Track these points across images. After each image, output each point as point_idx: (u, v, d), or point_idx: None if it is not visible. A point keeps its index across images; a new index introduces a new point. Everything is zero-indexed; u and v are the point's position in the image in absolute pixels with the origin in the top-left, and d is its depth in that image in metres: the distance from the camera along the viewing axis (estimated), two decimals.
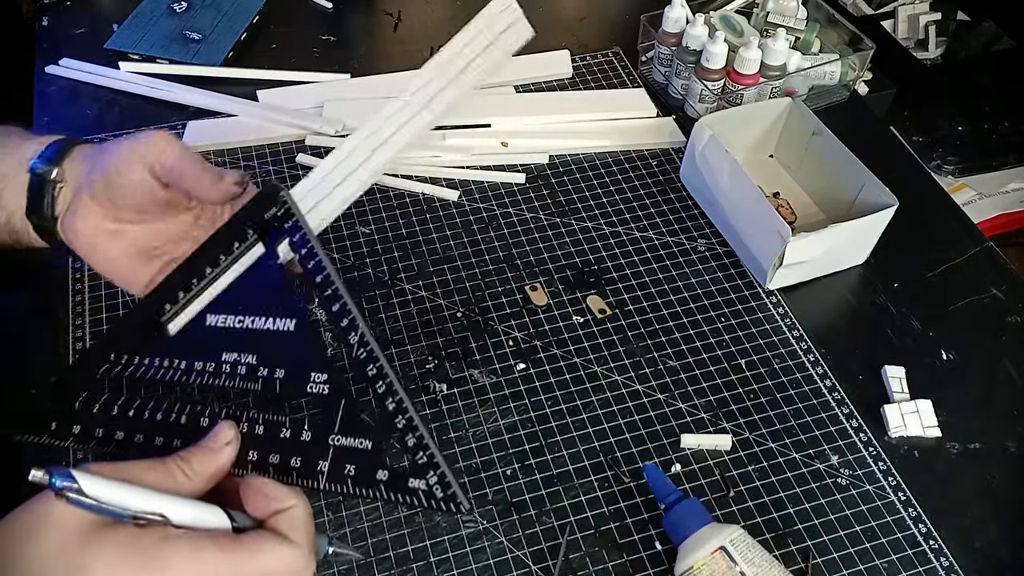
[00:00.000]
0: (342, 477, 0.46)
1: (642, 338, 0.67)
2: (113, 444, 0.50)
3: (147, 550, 0.38)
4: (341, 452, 0.47)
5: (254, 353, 0.51)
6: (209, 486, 0.45)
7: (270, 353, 0.51)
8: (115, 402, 0.51)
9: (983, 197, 1.41)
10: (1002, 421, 0.63)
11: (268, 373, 0.50)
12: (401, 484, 0.45)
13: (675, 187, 0.79)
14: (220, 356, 0.52)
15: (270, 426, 0.48)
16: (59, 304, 0.67)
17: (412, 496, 0.44)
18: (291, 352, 0.50)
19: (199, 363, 0.52)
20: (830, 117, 0.76)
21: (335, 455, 0.47)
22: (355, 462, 0.46)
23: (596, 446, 0.60)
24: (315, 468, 0.47)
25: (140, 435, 0.50)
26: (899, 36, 1.53)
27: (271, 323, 0.51)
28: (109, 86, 0.85)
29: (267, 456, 0.48)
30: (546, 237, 0.74)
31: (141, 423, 0.50)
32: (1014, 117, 1.49)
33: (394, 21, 0.97)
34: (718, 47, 0.78)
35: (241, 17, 0.93)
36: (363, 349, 0.47)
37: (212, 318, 0.53)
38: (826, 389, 0.64)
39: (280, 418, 0.48)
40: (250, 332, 0.52)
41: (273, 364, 0.50)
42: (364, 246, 0.72)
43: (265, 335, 0.51)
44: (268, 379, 0.50)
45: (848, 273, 0.72)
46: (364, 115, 0.82)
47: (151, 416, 0.50)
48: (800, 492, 0.58)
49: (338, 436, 0.47)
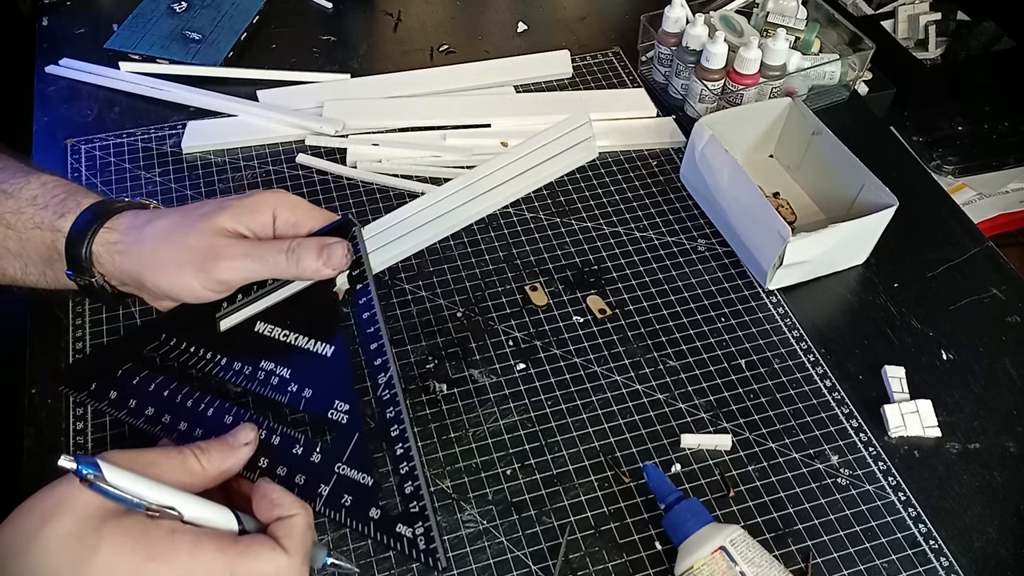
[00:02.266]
0: (338, 505, 0.48)
1: (642, 338, 0.67)
2: (142, 418, 0.54)
3: (155, 541, 0.39)
4: (343, 481, 0.49)
5: (290, 368, 0.54)
6: (219, 481, 0.46)
7: (304, 371, 0.53)
8: (154, 380, 0.55)
9: (983, 197, 1.41)
10: (1002, 421, 0.63)
11: (297, 389, 0.53)
12: (390, 526, 0.47)
13: (675, 187, 0.79)
14: (259, 362, 0.54)
15: (286, 439, 0.51)
16: (59, 304, 0.67)
17: (397, 540, 0.47)
18: (323, 376, 0.53)
19: (238, 363, 0.55)
20: (830, 117, 0.76)
21: (336, 482, 0.49)
22: (353, 494, 0.48)
23: (596, 446, 0.60)
24: (316, 490, 0.49)
25: (168, 415, 0.53)
26: (899, 36, 1.53)
27: (312, 344, 0.54)
28: (109, 86, 0.85)
29: (276, 467, 0.50)
30: (546, 237, 0.74)
31: (172, 405, 0.53)
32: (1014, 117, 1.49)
33: (394, 21, 0.97)
34: (718, 47, 0.78)
35: (241, 17, 0.93)
36: (388, 391, 0.50)
37: (261, 326, 0.55)
38: (826, 389, 0.64)
39: (297, 434, 0.51)
40: (291, 347, 0.54)
41: (304, 382, 0.53)
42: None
43: (304, 354, 0.54)
44: (296, 395, 0.53)
45: (848, 273, 0.72)
46: (364, 115, 0.82)
47: (182, 401, 0.53)
48: (800, 492, 0.58)
49: (344, 466, 0.49)
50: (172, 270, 0.51)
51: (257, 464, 0.50)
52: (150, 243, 0.52)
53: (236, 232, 0.52)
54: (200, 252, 0.50)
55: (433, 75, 0.88)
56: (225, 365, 0.55)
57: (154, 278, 0.51)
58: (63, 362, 0.63)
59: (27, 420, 0.60)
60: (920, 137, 1.45)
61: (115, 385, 0.55)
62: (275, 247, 0.51)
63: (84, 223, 0.53)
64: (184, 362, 0.55)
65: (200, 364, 0.55)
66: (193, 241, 0.51)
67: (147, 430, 0.53)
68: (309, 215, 0.54)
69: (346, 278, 0.53)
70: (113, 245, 0.53)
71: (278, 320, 0.55)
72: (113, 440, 0.59)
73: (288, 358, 0.54)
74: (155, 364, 0.56)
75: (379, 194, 0.77)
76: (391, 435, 0.49)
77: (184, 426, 0.52)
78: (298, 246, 0.51)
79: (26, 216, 0.54)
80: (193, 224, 0.51)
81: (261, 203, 0.53)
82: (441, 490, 0.57)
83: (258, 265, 0.51)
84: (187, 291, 0.51)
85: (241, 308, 0.55)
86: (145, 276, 0.52)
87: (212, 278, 0.50)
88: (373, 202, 0.76)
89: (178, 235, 0.51)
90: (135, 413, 0.54)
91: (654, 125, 0.85)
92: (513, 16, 0.97)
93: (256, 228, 0.52)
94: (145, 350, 0.56)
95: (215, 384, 0.54)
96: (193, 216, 0.52)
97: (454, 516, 0.56)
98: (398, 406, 0.50)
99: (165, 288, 0.51)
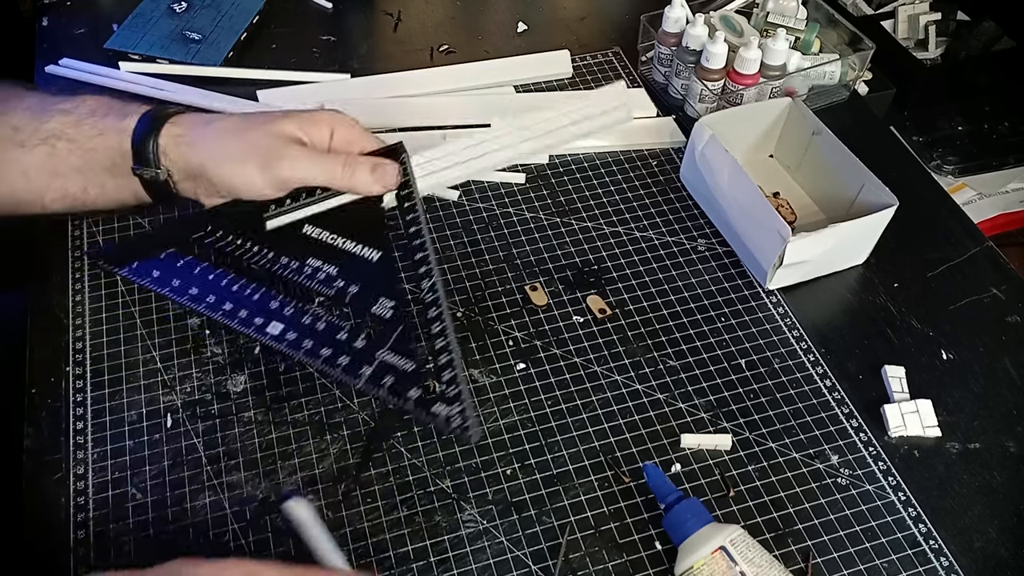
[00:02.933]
0: (379, 384, 0.54)
1: (642, 338, 0.67)
2: (186, 296, 0.60)
3: None
4: (384, 366, 0.55)
5: (337, 266, 0.59)
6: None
7: (351, 270, 0.58)
8: (198, 264, 0.60)
9: (983, 197, 1.41)
10: (1002, 421, 0.63)
11: (343, 285, 0.58)
12: (427, 404, 0.53)
13: (675, 187, 0.79)
14: (306, 259, 0.59)
15: (331, 325, 0.57)
16: (59, 304, 0.67)
17: (433, 417, 0.53)
18: (369, 276, 0.58)
19: (285, 258, 0.59)
20: (830, 117, 0.76)
21: (379, 366, 0.55)
22: (395, 376, 0.54)
23: (596, 446, 0.60)
24: (358, 370, 0.55)
25: (213, 296, 0.59)
26: (899, 36, 1.53)
27: (359, 248, 0.59)
28: (109, 86, 0.85)
29: (320, 348, 0.56)
30: (546, 237, 0.74)
31: (217, 287, 0.59)
32: (1014, 117, 1.49)
33: (394, 21, 0.97)
34: (718, 47, 0.78)
35: (241, 17, 0.93)
36: (432, 294, 0.56)
37: (310, 228, 0.60)
38: (826, 389, 0.64)
39: (342, 322, 0.57)
40: (339, 250, 0.59)
41: (350, 279, 0.58)
42: None
43: (351, 256, 0.59)
44: (342, 290, 0.58)
45: (848, 273, 0.72)
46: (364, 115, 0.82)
47: (228, 285, 0.59)
48: (800, 492, 0.58)
49: (387, 352, 0.55)
50: (237, 163, 0.54)
51: (301, 345, 0.56)
52: (215, 138, 0.55)
53: (297, 138, 0.55)
54: (264, 149, 0.54)
55: (433, 75, 0.88)
56: (272, 258, 0.59)
57: (218, 170, 0.54)
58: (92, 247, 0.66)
59: (27, 420, 0.60)
60: (920, 137, 1.45)
61: (158, 265, 0.61)
62: (334, 158, 0.55)
63: (149, 119, 0.57)
64: (231, 252, 0.60)
65: (247, 256, 0.60)
66: (258, 138, 0.54)
67: (190, 307, 0.60)
68: (363, 137, 0.59)
69: (394, 196, 0.58)
70: (179, 137, 0.56)
71: (327, 225, 0.60)
72: (112, 440, 0.59)
73: (335, 258, 0.59)
74: (200, 251, 0.60)
75: None
76: (433, 331, 0.54)
77: (229, 306, 0.58)
78: (355, 161, 0.56)
79: (87, 126, 0.57)
80: (259, 124, 0.55)
81: (321, 118, 0.57)
82: (441, 490, 0.57)
83: (317, 171, 0.55)
84: (248, 185, 0.54)
85: (289, 212, 0.59)
86: (209, 168, 0.55)
87: (274, 174, 0.53)
88: None
89: (244, 132, 0.55)
90: (178, 291, 0.59)
91: (654, 125, 0.85)
92: (513, 16, 0.97)
93: (315, 138, 0.56)
94: (191, 238, 0.61)
95: (261, 274, 0.59)
96: (258, 119, 0.56)
97: (454, 516, 0.56)
98: (440, 307, 0.55)
99: (227, 179, 0.54)
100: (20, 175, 0.57)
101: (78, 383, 0.62)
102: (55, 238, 0.71)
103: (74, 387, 0.62)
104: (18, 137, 0.57)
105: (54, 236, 0.71)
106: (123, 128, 0.56)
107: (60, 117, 0.57)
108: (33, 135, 0.57)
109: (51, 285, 0.68)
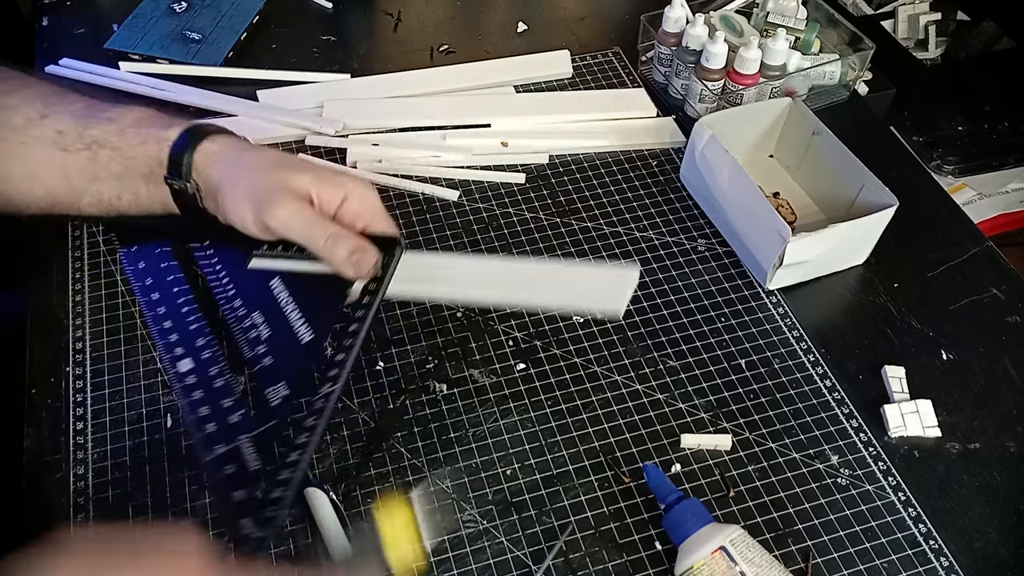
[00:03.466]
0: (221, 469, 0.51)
1: (642, 338, 0.67)
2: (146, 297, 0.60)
3: None
4: (235, 452, 0.52)
5: (270, 331, 0.57)
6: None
7: (277, 341, 0.56)
8: (175, 273, 0.61)
9: (983, 197, 1.41)
10: (1002, 421, 0.63)
11: (263, 352, 0.56)
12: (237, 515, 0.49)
13: (675, 187, 0.79)
14: (254, 311, 0.58)
15: (226, 388, 0.55)
16: (59, 304, 0.67)
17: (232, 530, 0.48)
18: (287, 354, 0.55)
19: (239, 301, 0.59)
20: (830, 117, 0.76)
21: (231, 451, 0.52)
22: (237, 468, 0.51)
23: (596, 446, 0.60)
24: (213, 444, 0.52)
25: (164, 308, 0.59)
26: (899, 36, 1.53)
27: (299, 323, 0.57)
28: (109, 86, 0.85)
29: (200, 406, 0.54)
30: (546, 237, 0.74)
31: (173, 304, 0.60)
32: (1014, 117, 1.49)
33: (394, 21, 0.97)
34: (718, 47, 0.78)
35: (241, 17, 0.93)
36: (323, 401, 0.52)
37: (276, 283, 0.59)
38: (826, 389, 0.64)
39: (236, 389, 0.55)
40: (283, 316, 0.58)
41: (271, 351, 0.56)
42: None
43: (287, 327, 0.57)
44: (257, 356, 0.56)
45: (848, 273, 0.72)
46: (364, 115, 0.82)
47: (181, 304, 0.59)
48: (800, 492, 0.58)
49: (247, 440, 0.52)
50: (239, 196, 0.55)
51: (191, 394, 0.54)
52: (238, 166, 0.57)
53: (305, 193, 0.56)
54: (264, 192, 0.55)
55: (433, 75, 0.88)
56: (230, 296, 0.59)
57: (224, 197, 0.56)
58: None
59: (27, 420, 0.60)
60: (920, 137, 1.45)
61: (146, 258, 0.61)
62: (324, 225, 0.55)
63: (190, 134, 0.58)
64: (206, 274, 0.60)
65: (214, 283, 0.60)
66: (266, 181, 0.55)
67: (143, 311, 0.59)
68: (375, 215, 0.58)
69: (361, 286, 0.55)
70: (212, 155, 0.57)
71: (291, 287, 0.59)
72: (113, 440, 0.59)
73: (275, 323, 0.57)
74: (182, 262, 0.61)
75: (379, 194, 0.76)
76: (297, 440, 0.51)
77: (168, 324, 0.58)
78: (340, 236, 0.55)
79: (131, 135, 0.59)
80: (277, 169, 0.56)
81: (342, 182, 0.57)
82: (441, 490, 0.57)
83: (300, 230, 0.55)
84: (240, 220, 0.56)
85: (275, 258, 0.59)
86: (220, 192, 0.56)
87: (260, 218, 0.54)
88: None
89: (261, 171, 0.56)
90: (144, 290, 0.59)
91: (654, 125, 0.85)
92: (513, 16, 0.97)
93: (324, 198, 0.56)
94: (188, 245, 0.62)
95: (210, 305, 0.59)
96: (282, 163, 0.57)
97: (454, 516, 0.56)
98: (318, 421, 0.51)
99: (227, 208, 0.56)
100: (60, 177, 0.59)
101: (78, 383, 0.62)
102: (55, 238, 0.71)
103: (74, 387, 0.62)
104: (63, 141, 0.59)
105: (54, 236, 0.71)
106: (164, 138, 0.58)
107: (105, 125, 0.59)
108: (77, 140, 0.59)
109: (51, 285, 0.68)
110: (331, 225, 0.55)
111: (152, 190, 0.59)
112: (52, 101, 0.61)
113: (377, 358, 0.64)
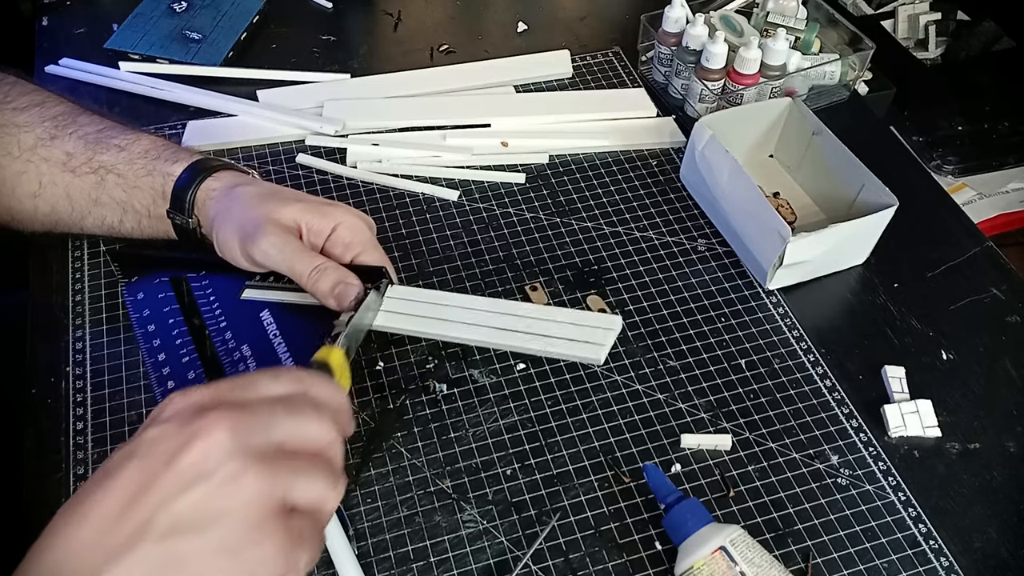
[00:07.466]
0: None
1: (642, 338, 0.67)
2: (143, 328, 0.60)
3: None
4: None
5: (257, 365, 0.56)
6: None
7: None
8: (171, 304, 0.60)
9: (983, 197, 1.41)
10: (1002, 421, 0.63)
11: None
12: None
13: (675, 187, 0.79)
14: (243, 344, 0.58)
15: None
16: (59, 304, 0.67)
17: None
18: None
19: (229, 333, 0.59)
20: (830, 117, 0.76)
21: None
22: None
23: (596, 446, 0.60)
24: None
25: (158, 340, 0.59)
26: (899, 36, 1.53)
27: (287, 358, 0.57)
28: (109, 86, 0.85)
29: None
30: (546, 237, 0.74)
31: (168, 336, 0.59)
32: (1014, 117, 1.49)
33: (394, 21, 0.97)
34: (718, 47, 0.78)
35: (241, 17, 0.93)
36: None
37: (266, 315, 0.59)
38: (826, 389, 0.64)
39: None
40: (271, 349, 0.58)
41: None
42: None
43: (275, 359, 0.57)
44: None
45: (848, 273, 0.72)
46: (364, 115, 0.82)
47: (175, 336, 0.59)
48: (800, 492, 0.58)
49: None
50: (230, 229, 0.56)
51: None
52: (233, 200, 0.57)
53: (293, 226, 0.56)
54: (252, 224, 0.55)
55: (433, 75, 0.88)
56: (222, 327, 0.59)
57: (217, 230, 0.57)
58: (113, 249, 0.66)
59: (27, 420, 0.60)
60: (920, 137, 1.45)
61: (145, 289, 0.61)
62: (309, 257, 0.55)
63: (193, 170, 0.59)
64: (200, 305, 0.60)
65: (207, 314, 0.60)
66: (255, 213, 0.56)
67: (139, 343, 0.59)
68: (363, 244, 0.58)
69: (347, 318, 0.55)
70: (212, 192, 0.58)
71: (278, 318, 0.59)
72: (113, 440, 0.59)
73: (264, 356, 0.57)
74: (179, 293, 0.61)
75: (379, 194, 0.77)
76: None
77: (162, 357, 0.58)
78: (326, 268, 0.55)
79: (138, 166, 0.60)
80: (268, 202, 0.56)
81: (332, 212, 0.57)
82: (441, 490, 0.57)
83: (283, 262, 0.55)
84: (228, 250, 0.57)
85: (266, 288, 0.60)
86: (214, 225, 0.57)
87: (246, 250, 0.55)
88: (373, 202, 0.76)
89: (251, 203, 0.57)
90: (141, 322, 0.59)
91: (654, 125, 0.85)
92: (513, 16, 0.97)
93: (314, 228, 0.57)
94: (186, 275, 0.62)
95: (202, 339, 0.58)
96: (273, 197, 0.57)
97: (454, 516, 0.56)
98: None
99: (219, 241, 0.57)
100: (65, 198, 0.61)
101: (78, 383, 0.62)
102: (55, 238, 0.71)
103: (74, 387, 0.62)
104: (71, 163, 0.60)
105: (54, 236, 0.71)
106: (170, 172, 0.59)
107: (114, 152, 0.60)
108: (85, 164, 0.60)
109: (51, 285, 0.68)
110: (315, 257, 0.55)
111: (155, 221, 0.61)
112: (64, 122, 0.61)
113: (377, 358, 0.64)
